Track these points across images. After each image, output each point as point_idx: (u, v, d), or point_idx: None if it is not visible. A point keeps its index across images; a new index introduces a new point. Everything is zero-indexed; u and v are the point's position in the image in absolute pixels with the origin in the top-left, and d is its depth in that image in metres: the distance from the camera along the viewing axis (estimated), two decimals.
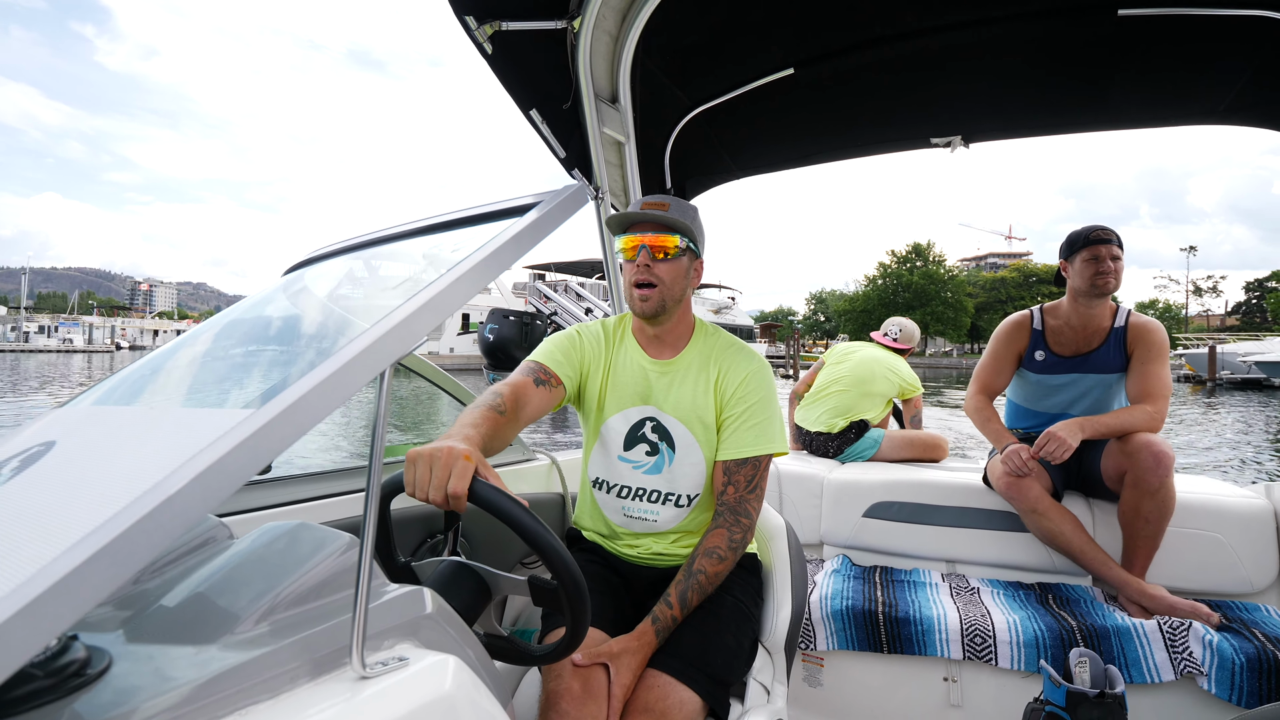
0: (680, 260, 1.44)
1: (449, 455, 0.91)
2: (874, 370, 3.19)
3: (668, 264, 1.43)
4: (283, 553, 0.78)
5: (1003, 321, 2.52)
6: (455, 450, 0.92)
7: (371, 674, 0.64)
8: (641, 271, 1.42)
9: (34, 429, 0.78)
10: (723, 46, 1.98)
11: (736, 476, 1.43)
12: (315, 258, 1.19)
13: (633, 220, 1.44)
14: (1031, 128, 2.28)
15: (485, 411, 1.21)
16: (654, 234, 1.42)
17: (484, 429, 1.14)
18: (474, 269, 0.71)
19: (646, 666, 1.26)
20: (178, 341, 1.09)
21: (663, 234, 1.41)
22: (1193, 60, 1.88)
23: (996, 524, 2.43)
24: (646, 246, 1.41)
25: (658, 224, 1.42)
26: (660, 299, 1.43)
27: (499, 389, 1.31)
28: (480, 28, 1.59)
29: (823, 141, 2.50)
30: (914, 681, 2.12)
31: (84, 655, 0.58)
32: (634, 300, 1.45)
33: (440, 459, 0.91)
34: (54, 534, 0.47)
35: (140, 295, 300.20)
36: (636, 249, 1.42)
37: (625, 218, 1.45)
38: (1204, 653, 1.83)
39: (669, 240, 1.41)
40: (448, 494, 0.89)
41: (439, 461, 0.91)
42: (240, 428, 0.52)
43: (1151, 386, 2.18)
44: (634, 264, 1.43)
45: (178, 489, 0.47)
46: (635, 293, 1.44)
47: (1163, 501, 2.02)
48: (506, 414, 1.25)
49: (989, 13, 1.80)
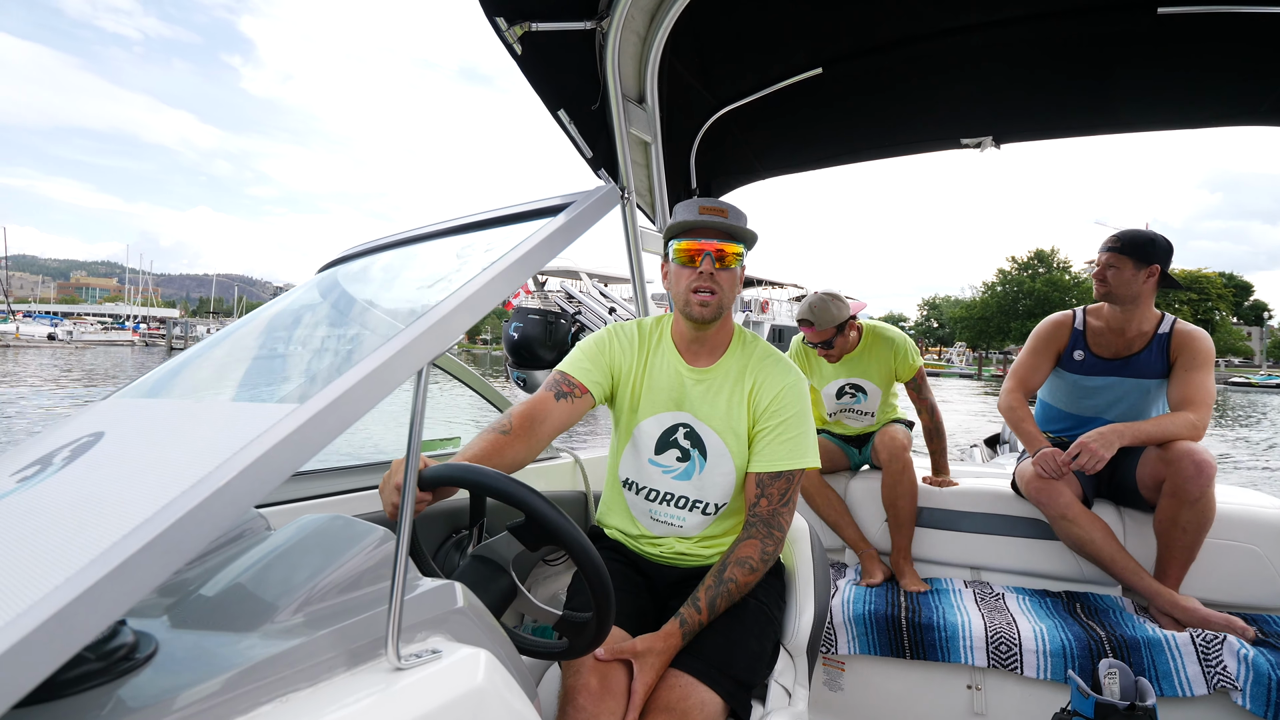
0: (738, 270, 1.44)
1: (397, 463, 1.08)
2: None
3: (727, 272, 1.42)
4: (319, 545, 0.80)
5: (1044, 319, 2.48)
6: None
7: (406, 666, 0.65)
8: (704, 279, 1.40)
9: (83, 420, 0.80)
10: (750, 46, 1.97)
11: (770, 489, 1.42)
12: (350, 255, 1.21)
13: (696, 225, 1.42)
14: (1066, 128, 2.24)
15: (485, 435, 1.31)
16: (719, 241, 1.41)
17: (475, 449, 1.27)
18: (509, 269, 0.72)
19: (669, 666, 1.26)
20: (217, 336, 1.12)
21: (727, 242, 1.41)
22: (1233, 59, 1.84)
23: (1023, 531, 2.39)
24: (710, 254, 1.40)
25: (722, 232, 1.41)
26: (719, 305, 1.42)
27: (512, 410, 1.38)
28: (510, 29, 1.61)
29: (850, 142, 2.48)
30: (937, 688, 2.09)
31: (133, 640, 0.60)
32: (692, 305, 1.43)
33: (393, 466, 1.09)
34: (108, 522, 0.49)
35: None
36: (700, 255, 1.40)
37: (689, 224, 1.43)
38: (1239, 667, 1.78)
39: (732, 248, 1.41)
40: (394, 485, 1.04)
41: (392, 469, 1.08)
42: (285, 423, 0.53)
43: (1194, 394, 2.13)
44: (693, 270, 1.41)
45: (227, 481, 0.48)
46: (694, 297, 1.42)
47: (1202, 512, 1.98)
48: (512, 432, 1.32)
49: (1021, 11, 1.77)
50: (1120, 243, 2.21)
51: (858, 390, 2.72)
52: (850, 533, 2.55)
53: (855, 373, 2.70)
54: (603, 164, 2.11)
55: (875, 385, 2.69)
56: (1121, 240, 2.22)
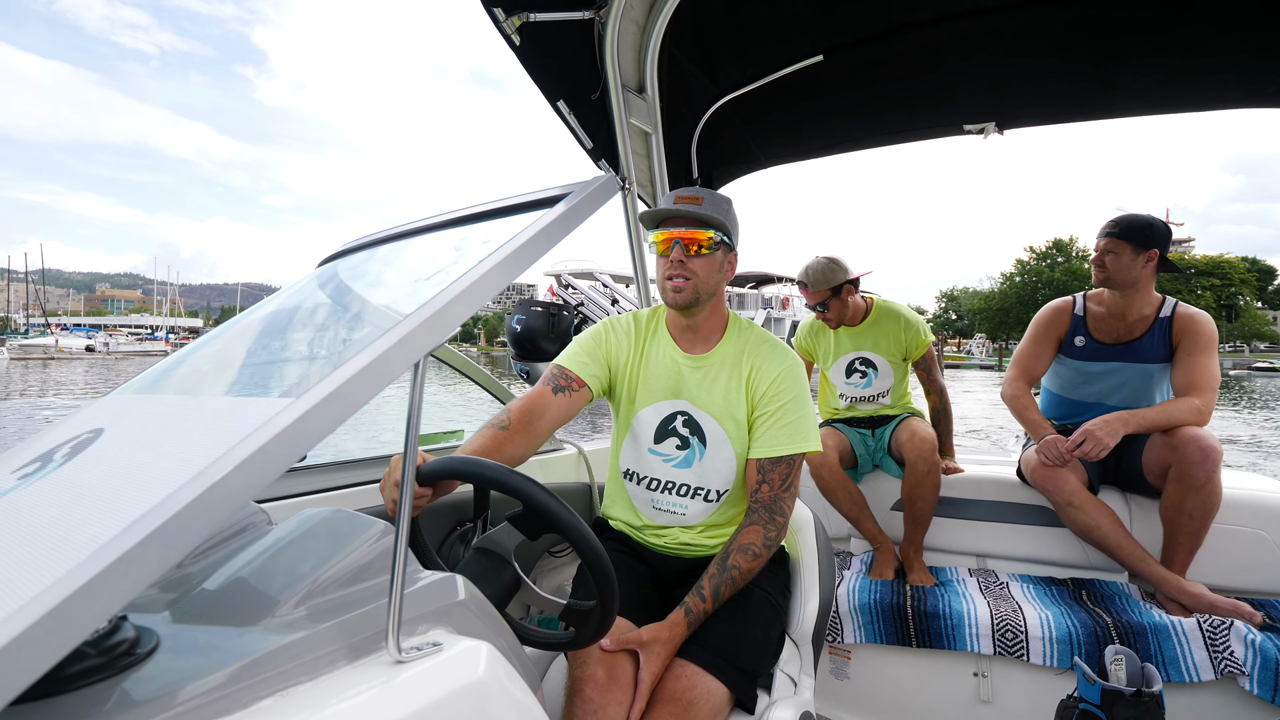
0: (714, 255, 1.44)
1: (396, 459, 1.06)
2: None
3: (701, 259, 1.43)
4: (320, 539, 0.80)
5: (1044, 306, 2.47)
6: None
7: (407, 659, 0.65)
8: (675, 267, 1.42)
9: (82, 417, 0.80)
10: (751, 34, 1.96)
11: (771, 475, 1.43)
12: (348, 249, 1.20)
13: (666, 215, 1.44)
14: (1070, 113, 2.22)
15: (484, 431, 1.31)
16: (687, 229, 1.42)
17: (474, 445, 1.27)
18: (505, 260, 0.72)
19: (674, 656, 1.26)
20: (216, 331, 1.12)
21: (696, 229, 1.41)
22: (1238, 41, 1.81)
23: (1029, 518, 2.38)
24: (680, 242, 1.41)
25: (691, 219, 1.42)
26: (694, 291, 1.43)
27: (511, 405, 1.38)
28: (508, 19, 1.60)
29: (852, 129, 2.46)
30: (943, 676, 2.10)
31: (134, 635, 0.61)
32: (666, 291, 1.46)
33: (392, 462, 1.08)
34: (107, 518, 0.49)
35: None
36: (670, 244, 1.42)
37: (658, 213, 1.45)
38: (1246, 652, 1.78)
39: (702, 235, 1.41)
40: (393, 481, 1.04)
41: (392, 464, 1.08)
42: (280, 417, 0.53)
43: (1198, 379, 2.11)
44: (667, 259, 1.43)
45: (223, 475, 0.48)
46: (668, 284, 1.44)
47: (1208, 497, 1.96)
48: (511, 427, 1.32)
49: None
50: (1118, 228, 2.19)
51: (868, 366, 2.68)
52: (870, 527, 2.52)
53: (864, 346, 2.67)
54: (603, 155, 2.10)
55: (884, 360, 2.66)
56: (1119, 225, 2.20)
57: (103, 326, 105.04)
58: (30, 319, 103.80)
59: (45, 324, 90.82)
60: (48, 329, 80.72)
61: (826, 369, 2.78)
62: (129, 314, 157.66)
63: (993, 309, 59.81)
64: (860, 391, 2.71)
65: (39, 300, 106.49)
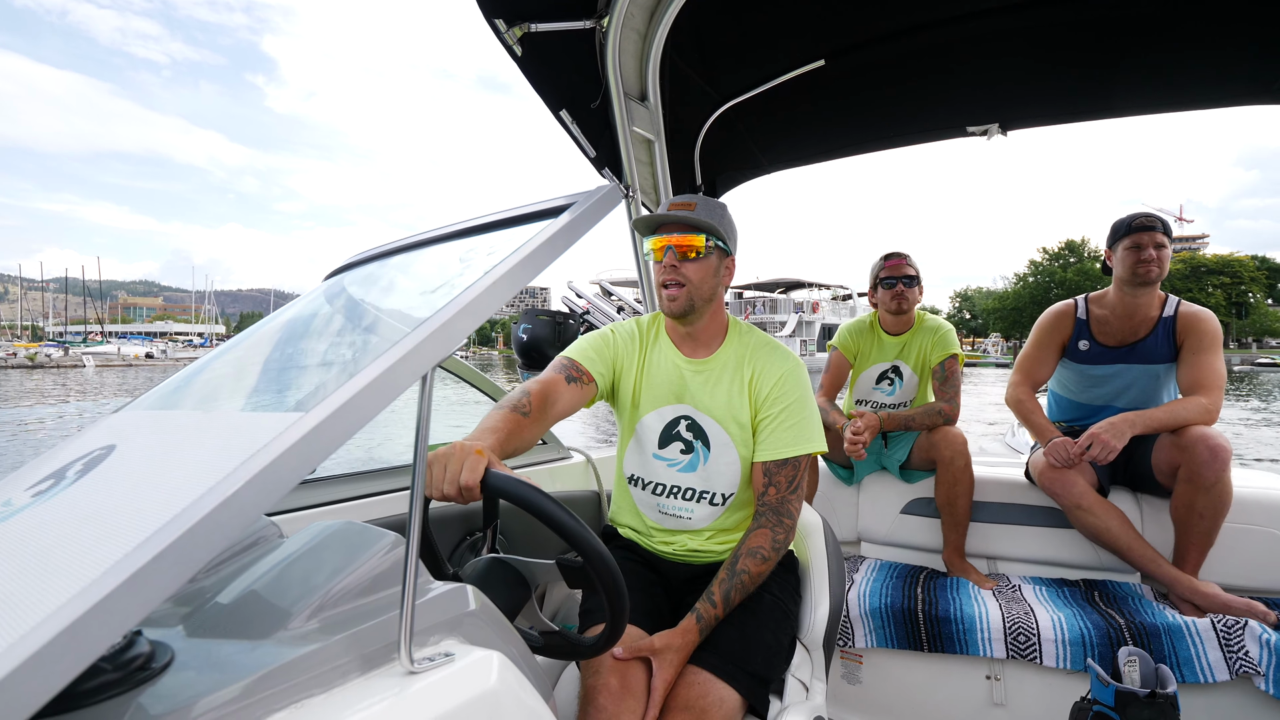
0: (708, 260, 1.45)
1: (461, 450, 0.97)
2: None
3: (695, 264, 1.43)
4: (331, 551, 0.81)
5: (1046, 310, 2.46)
6: (467, 446, 0.98)
7: (419, 670, 0.66)
8: (668, 272, 1.43)
9: (93, 434, 0.81)
10: (752, 40, 1.96)
11: (778, 477, 1.43)
12: (355, 262, 1.21)
13: (660, 221, 1.45)
14: (1074, 113, 2.21)
15: (506, 414, 1.24)
16: (680, 234, 1.42)
17: (503, 432, 1.19)
18: (511, 271, 0.72)
19: (686, 663, 1.26)
20: (225, 346, 1.13)
21: (689, 234, 1.42)
22: (1241, 39, 1.81)
23: (1039, 520, 2.37)
24: (673, 248, 1.42)
25: (684, 224, 1.43)
26: (688, 298, 1.44)
27: (527, 387, 1.34)
28: (510, 30, 1.61)
29: (855, 133, 2.46)
30: (955, 680, 2.08)
31: (148, 650, 0.61)
32: (662, 300, 1.46)
33: (454, 455, 0.97)
34: (121, 534, 0.49)
35: None
36: (663, 250, 1.43)
37: (652, 220, 1.46)
38: (1261, 652, 1.76)
39: (695, 240, 1.42)
40: (460, 486, 0.94)
41: (453, 458, 0.96)
42: (291, 431, 0.54)
43: (1204, 377, 2.10)
44: (661, 265, 1.44)
45: (236, 490, 0.49)
46: (663, 292, 1.45)
47: (1219, 497, 1.95)
48: (531, 414, 1.28)
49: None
50: (1162, 224, 2.18)
51: (896, 377, 2.70)
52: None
53: (902, 355, 2.70)
54: (606, 163, 2.11)
55: (913, 372, 2.67)
56: (1160, 221, 2.18)
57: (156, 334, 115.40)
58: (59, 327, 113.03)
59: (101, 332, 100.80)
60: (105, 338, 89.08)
61: (859, 371, 2.78)
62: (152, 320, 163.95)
63: (1006, 309, 59.82)
64: (883, 399, 2.73)
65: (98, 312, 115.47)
